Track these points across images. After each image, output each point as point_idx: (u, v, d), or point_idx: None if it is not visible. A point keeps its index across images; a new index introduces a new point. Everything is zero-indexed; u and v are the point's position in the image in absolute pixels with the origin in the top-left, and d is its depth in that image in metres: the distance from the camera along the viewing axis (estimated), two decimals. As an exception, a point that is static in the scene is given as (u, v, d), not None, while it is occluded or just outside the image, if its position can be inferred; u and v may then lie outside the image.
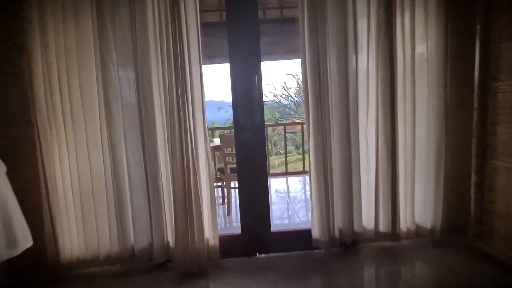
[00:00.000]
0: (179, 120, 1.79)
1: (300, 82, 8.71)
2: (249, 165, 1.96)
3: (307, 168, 4.32)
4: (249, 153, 1.94)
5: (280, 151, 9.79)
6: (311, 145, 1.90)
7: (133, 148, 1.84)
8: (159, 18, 1.75)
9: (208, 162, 1.88)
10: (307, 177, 4.16)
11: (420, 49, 1.88)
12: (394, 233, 1.91)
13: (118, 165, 1.82)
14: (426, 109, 1.90)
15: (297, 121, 9.28)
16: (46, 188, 1.78)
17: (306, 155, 5.04)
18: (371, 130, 1.91)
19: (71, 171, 1.81)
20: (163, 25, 1.75)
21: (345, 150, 1.91)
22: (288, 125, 6.78)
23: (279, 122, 9.99)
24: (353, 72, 1.87)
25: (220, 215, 2.93)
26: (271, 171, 6.19)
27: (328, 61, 1.85)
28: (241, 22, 1.88)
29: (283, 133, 9.83)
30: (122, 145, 1.83)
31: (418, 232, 1.97)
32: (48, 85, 1.74)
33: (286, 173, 4.34)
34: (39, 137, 1.76)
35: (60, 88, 1.76)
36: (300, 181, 4.24)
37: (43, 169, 1.77)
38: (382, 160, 1.89)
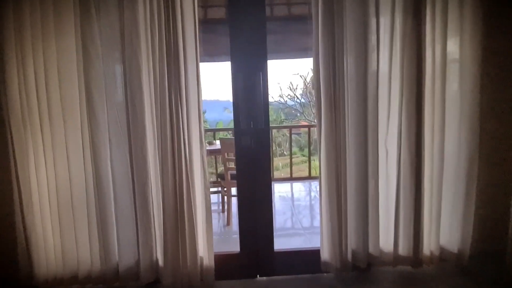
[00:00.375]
0: (171, 123, 1.53)
1: (307, 83, 8.36)
2: (251, 177, 1.68)
3: (312, 173, 4.07)
4: (250, 163, 1.66)
5: (285, 153, 9.49)
6: (322, 156, 1.62)
7: (119, 153, 1.57)
8: (151, 9, 1.48)
9: (204, 172, 1.60)
10: (312, 183, 3.88)
11: (452, 47, 1.58)
12: (416, 258, 1.62)
13: (101, 172, 1.56)
14: (458, 116, 1.60)
15: (303, 123, 8.96)
16: (20, 197, 1.53)
17: (311, 157, 4.74)
18: (392, 140, 1.61)
19: (48, 177, 1.56)
20: (155, 18, 1.48)
21: (361, 162, 1.62)
22: (294, 127, 6.48)
23: (284, 123, 9.69)
24: (373, 73, 1.57)
25: (219, 225, 2.66)
26: (275, 173, 5.87)
27: (344, 60, 1.55)
28: (245, 17, 1.59)
29: (288, 134, 9.54)
30: (107, 150, 1.56)
31: (442, 256, 1.67)
32: (22, 78, 1.49)
33: (291, 178, 4.04)
34: (12, 139, 1.51)
35: (36, 82, 1.50)
36: (304, 186, 3.95)
37: (17, 175, 1.52)
38: (405, 174, 1.59)
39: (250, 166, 1.67)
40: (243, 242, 1.72)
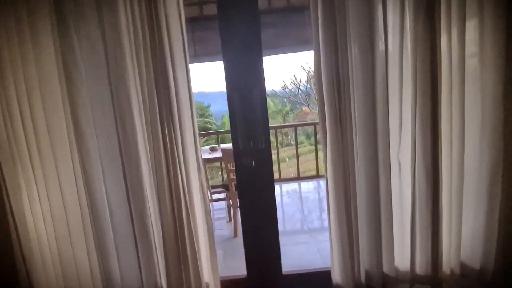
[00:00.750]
0: (165, 148, 1.42)
1: (311, 76, 8.09)
2: (253, 198, 1.57)
3: (320, 172, 3.92)
4: (252, 184, 1.55)
5: (291, 142, 9.37)
6: (329, 170, 1.48)
7: (113, 181, 1.48)
8: (134, 24, 1.34)
9: (204, 197, 1.50)
10: (321, 181, 3.75)
11: (471, 44, 1.39)
12: (435, 277, 1.50)
13: (97, 201, 1.47)
14: (479, 124, 1.42)
15: (309, 115, 8.77)
16: (16, 232, 1.46)
17: (318, 149, 4.58)
18: (405, 152, 1.46)
19: (43, 210, 1.48)
20: (139, 34, 1.35)
21: (371, 177, 1.48)
22: (299, 125, 6.30)
23: (289, 114, 9.50)
24: (382, 76, 1.40)
25: (227, 235, 2.58)
26: (281, 164, 5.71)
27: (349, 63, 1.39)
28: (236, 14, 1.42)
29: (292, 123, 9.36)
30: (100, 178, 1.47)
31: (463, 273, 1.55)
32: (7, 111, 1.38)
33: (298, 178, 3.91)
34: (2, 173, 1.43)
35: (21, 115, 1.39)
36: (313, 183, 3.83)
37: (11, 210, 1.45)
38: (420, 189, 1.45)
39: (252, 187, 1.55)
40: (250, 265, 1.62)
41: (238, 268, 1.78)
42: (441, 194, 1.45)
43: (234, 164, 2.45)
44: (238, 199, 2.13)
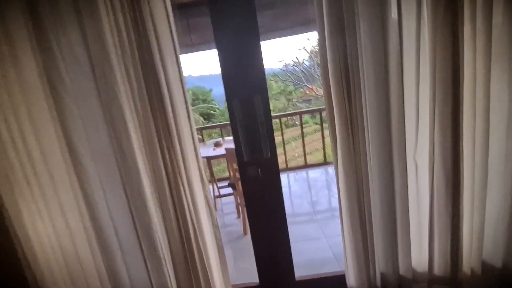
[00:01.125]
0: (165, 163, 1.33)
1: (313, 57, 7.73)
2: (262, 209, 1.49)
3: (328, 158, 3.79)
4: (260, 195, 1.46)
5: (296, 122, 9.20)
6: (340, 175, 1.39)
7: (115, 199, 1.41)
8: (119, 32, 1.21)
9: (210, 210, 1.43)
10: (328, 169, 3.66)
11: (497, 29, 1.21)
12: (454, 277, 1.43)
13: (101, 221, 1.42)
14: (505, 119, 1.28)
15: (311, 94, 8.51)
16: (25, 257, 1.43)
17: (324, 128, 4.42)
18: (422, 152, 1.34)
19: (48, 235, 1.43)
20: (125, 43, 1.22)
21: (386, 179, 1.38)
22: (304, 113, 6.09)
23: (293, 93, 9.24)
24: (395, 67, 1.25)
25: (236, 231, 2.55)
26: (287, 146, 5.62)
27: (358, 46, 1.23)
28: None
29: (298, 104, 9.16)
30: (102, 198, 1.40)
31: (484, 272, 1.48)
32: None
33: (306, 166, 3.81)
34: (2, 200, 1.37)
35: (12, 138, 1.31)
36: (320, 172, 3.74)
37: (16, 236, 1.41)
38: (439, 191, 1.35)
39: (260, 199, 1.47)
40: (262, 272, 1.58)
41: (249, 270, 1.75)
42: (462, 195, 1.35)
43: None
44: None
